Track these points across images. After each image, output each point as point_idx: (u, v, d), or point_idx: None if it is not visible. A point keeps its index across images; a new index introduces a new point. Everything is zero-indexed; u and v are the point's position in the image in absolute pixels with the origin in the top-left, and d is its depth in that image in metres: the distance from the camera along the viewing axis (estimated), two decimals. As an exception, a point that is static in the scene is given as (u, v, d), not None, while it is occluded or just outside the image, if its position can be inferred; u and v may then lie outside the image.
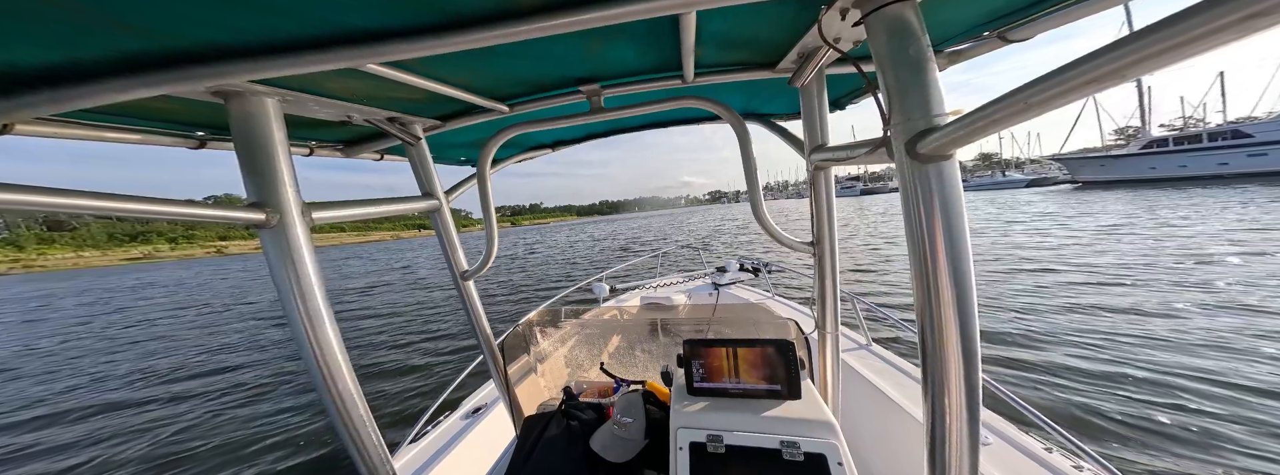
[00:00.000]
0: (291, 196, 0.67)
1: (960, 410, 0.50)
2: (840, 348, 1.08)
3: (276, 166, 0.66)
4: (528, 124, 1.02)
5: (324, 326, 0.68)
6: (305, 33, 0.46)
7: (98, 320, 12.86)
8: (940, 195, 0.47)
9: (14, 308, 19.47)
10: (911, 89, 0.47)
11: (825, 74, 0.86)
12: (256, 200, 0.65)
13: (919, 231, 0.49)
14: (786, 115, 1.31)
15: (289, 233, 0.66)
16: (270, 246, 0.65)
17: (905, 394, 1.56)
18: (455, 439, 1.65)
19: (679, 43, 0.68)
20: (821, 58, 0.75)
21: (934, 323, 0.49)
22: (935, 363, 0.50)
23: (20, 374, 6.94)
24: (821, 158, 0.86)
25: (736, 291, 3.50)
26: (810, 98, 0.89)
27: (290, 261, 0.66)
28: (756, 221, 0.98)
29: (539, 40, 0.51)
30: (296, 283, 0.66)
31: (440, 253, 0.80)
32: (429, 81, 0.71)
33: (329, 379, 0.69)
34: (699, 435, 0.82)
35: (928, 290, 0.49)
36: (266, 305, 12.53)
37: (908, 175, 0.48)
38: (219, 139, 0.85)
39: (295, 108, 0.72)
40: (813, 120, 0.90)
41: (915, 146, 0.47)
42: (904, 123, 0.48)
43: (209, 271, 35.79)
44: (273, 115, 0.65)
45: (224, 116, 0.68)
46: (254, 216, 0.63)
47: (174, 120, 0.75)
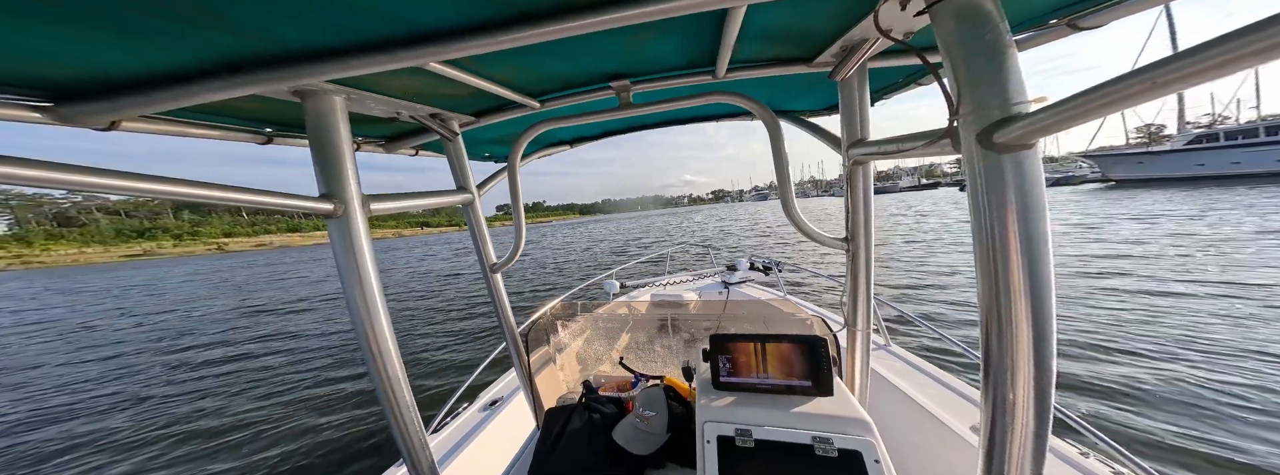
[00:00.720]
0: (354, 189, 0.73)
1: (1026, 430, 0.46)
2: (870, 346, 1.07)
3: (343, 161, 0.72)
4: (556, 120, 1.04)
5: (377, 310, 0.74)
6: (380, 34, 0.51)
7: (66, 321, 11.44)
8: (1018, 187, 0.44)
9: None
10: (986, 77, 0.45)
11: (868, 67, 0.85)
12: (326, 192, 0.71)
13: (989, 227, 0.45)
14: (814, 111, 1.31)
15: (352, 222, 0.72)
16: (336, 235, 0.72)
17: (928, 396, 1.54)
18: (475, 430, 1.69)
19: (719, 37, 0.70)
20: (868, 50, 0.74)
21: (1002, 331, 0.45)
22: (1001, 375, 0.46)
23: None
24: (862, 152, 0.85)
25: (747, 290, 3.51)
26: (851, 91, 0.88)
27: (352, 249, 0.72)
28: (787, 217, 0.99)
29: (581, 36, 0.53)
30: (356, 269, 0.72)
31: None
32: (474, 77, 0.75)
33: (379, 359, 0.75)
34: (727, 429, 0.83)
35: (996, 293, 0.45)
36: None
37: (979, 167, 0.46)
38: (284, 135, 0.92)
39: (356, 105, 0.78)
40: (852, 114, 0.89)
41: (991, 136, 0.44)
42: (976, 112, 0.46)
43: (206, 269, 35.44)
44: (340, 113, 0.72)
45: (291, 114, 0.77)
46: (324, 206, 0.69)
47: (250, 118, 0.83)
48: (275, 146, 0.97)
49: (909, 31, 0.64)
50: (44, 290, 25.51)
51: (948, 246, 10.42)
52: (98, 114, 0.58)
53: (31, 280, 42.22)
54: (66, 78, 0.53)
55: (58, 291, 23.28)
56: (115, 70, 0.52)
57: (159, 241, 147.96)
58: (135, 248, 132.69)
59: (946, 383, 1.67)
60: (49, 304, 17.36)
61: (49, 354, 7.89)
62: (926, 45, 0.77)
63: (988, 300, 0.47)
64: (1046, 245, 0.44)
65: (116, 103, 0.56)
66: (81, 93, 0.57)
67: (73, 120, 0.59)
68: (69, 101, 0.57)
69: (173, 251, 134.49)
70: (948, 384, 1.66)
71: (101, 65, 0.51)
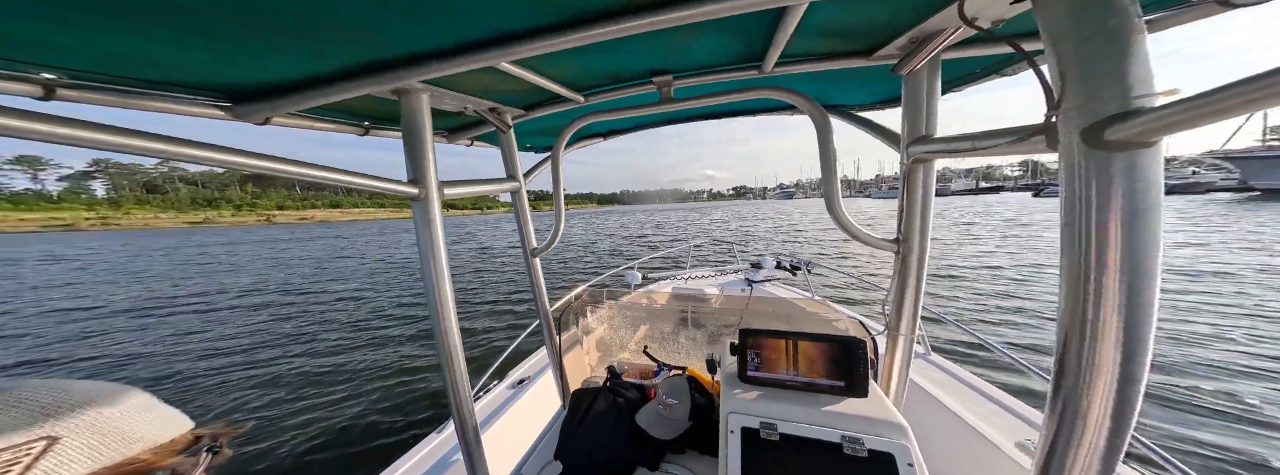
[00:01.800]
0: (433, 175, 0.83)
1: (1093, 460, 0.43)
2: (912, 353, 1.04)
3: (426, 150, 0.83)
4: (598, 113, 1.08)
5: (445, 279, 0.84)
6: (467, 38, 0.60)
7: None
8: (1129, 191, 0.38)
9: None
10: (1103, 65, 0.39)
11: (941, 59, 0.81)
12: (412, 177, 0.82)
13: (1085, 233, 0.41)
14: (866, 105, 1.26)
15: (431, 205, 0.82)
16: (419, 215, 0.83)
17: (969, 408, 1.48)
18: (505, 405, 1.82)
19: (771, 34, 0.70)
20: (944, 40, 0.70)
21: (1084, 355, 0.41)
22: (1074, 399, 0.43)
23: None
24: (926, 150, 0.81)
25: (771, 289, 3.47)
26: (918, 84, 0.84)
27: (430, 226, 0.82)
28: (831, 216, 0.96)
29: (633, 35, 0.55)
30: (432, 244, 0.82)
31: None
32: (532, 74, 0.81)
33: (444, 326, 0.85)
34: (752, 421, 0.84)
35: (1083, 312, 0.41)
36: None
37: (1081, 166, 0.41)
38: (378, 127, 1.07)
39: (436, 101, 0.89)
40: (918, 109, 0.84)
41: (1101, 133, 0.39)
42: (1084, 105, 0.41)
43: (243, 238, 37.74)
44: (425, 109, 0.82)
45: (384, 110, 0.92)
46: (410, 190, 0.80)
47: (356, 113, 0.99)
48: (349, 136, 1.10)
49: (999, 19, 0.59)
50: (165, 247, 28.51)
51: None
52: (259, 112, 0.75)
53: (129, 240, 46.65)
54: (243, 84, 0.70)
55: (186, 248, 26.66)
56: (276, 78, 0.68)
57: (219, 210, 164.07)
58: (197, 216, 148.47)
59: (990, 395, 1.60)
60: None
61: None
62: (1017, 32, 0.71)
63: (1071, 318, 0.43)
64: (1155, 259, 0.39)
65: (274, 103, 0.73)
66: (250, 96, 0.74)
67: (243, 117, 0.76)
68: (241, 103, 0.75)
69: (228, 220, 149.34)
70: (991, 396, 1.59)
71: (268, 74, 0.66)
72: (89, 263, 19.67)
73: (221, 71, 0.63)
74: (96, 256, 22.28)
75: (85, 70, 0.57)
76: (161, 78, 0.63)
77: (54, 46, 0.50)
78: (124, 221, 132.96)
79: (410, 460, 1.49)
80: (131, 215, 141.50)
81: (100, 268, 17.52)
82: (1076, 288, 0.42)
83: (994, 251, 10.62)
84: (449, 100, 0.92)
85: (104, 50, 0.52)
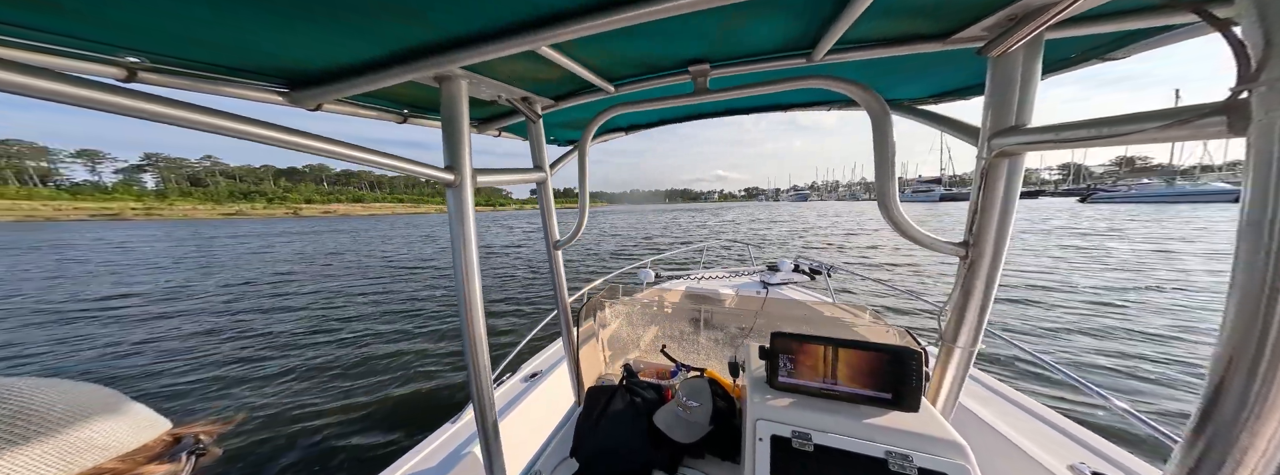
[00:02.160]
0: (468, 163, 0.84)
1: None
2: (969, 367, 0.96)
3: (463, 137, 0.83)
4: (627, 105, 1.06)
5: (473, 271, 0.85)
6: (507, 19, 0.59)
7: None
8: None
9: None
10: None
11: (1045, 38, 0.71)
12: (449, 164, 0.82)
13: (1275, 239, 0.34)
14: (924, 97, 1.19)
15: (465, 192, 0.83)
16: (453, 202, 0.84)
17: (1016, 428, 1.37)
18: (518, 399, 1.83)
19: (834, 15, 0.63)
20: (1052, 16, 0.61)
21: (1252, 384, 0.34)
22: (1221, 443, 0.36)
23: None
24: (1017, 141, 0.72)
25: (788, 292, 3.39)
26: (1010, 69, 0.74)
27: (463, 213, 0.83)
28: (885, 218, 0.89)
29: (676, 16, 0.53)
30: (464, 231, 0.83)
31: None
32: (568, 59, 0.79)
33: (471, 314, 0.86)
34: (783, 429, 0.81)
35: (1263, 332, 0.34)
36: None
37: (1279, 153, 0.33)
38: (416, 115, 1.10)
39: (474, 90, 0.90)
40: (1008, 97, 0.76)
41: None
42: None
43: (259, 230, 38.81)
44: (464, 96, 0.83)
45: (424, 98, 0.95)
46: (447, 177, 0.81)
47: (398, 101, 1.02)
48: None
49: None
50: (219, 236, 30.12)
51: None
52: (313, 98, 0.78)
53: (174, 228, 49.35)
54: (300, 69, 0.72)
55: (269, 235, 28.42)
56: (329, 63, 0.70)
57: (253, 203, 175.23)
58: (232, 208, 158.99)
59: (1035, 412, 1.50)
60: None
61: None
62: (1146, 5, 0.62)
63: (1240, 338, 0.36)
64: None
65: (326, 89, 0.76)
66: (307, 82, 0.77)
67: (298, 103, 0.79)
68: (298, 88, 0.78)
69: (260, 213, 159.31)
70: (1036, 413, 1.49)
71: (323, 60, 0.69)
72: (138, 248, 20.85)
73: (279, 55, 0.65)
74: (148, 246, 23.16)
75: (163, 53, 0.61)
76: (229, 62, 0.67)
77: (136, 28, 0.53)
78: (166, 212, 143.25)
79: (424, 450, 1.50)
80: (174, 206, 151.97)
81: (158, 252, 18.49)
82: (1255, 306, 0.35)
83: (1056, 265, 9.14)
84: (485, 88, 0.93)
85: (181, 35, 0.56)
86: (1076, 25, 0.69)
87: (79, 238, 30.45)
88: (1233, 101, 0.38)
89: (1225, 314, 0.38)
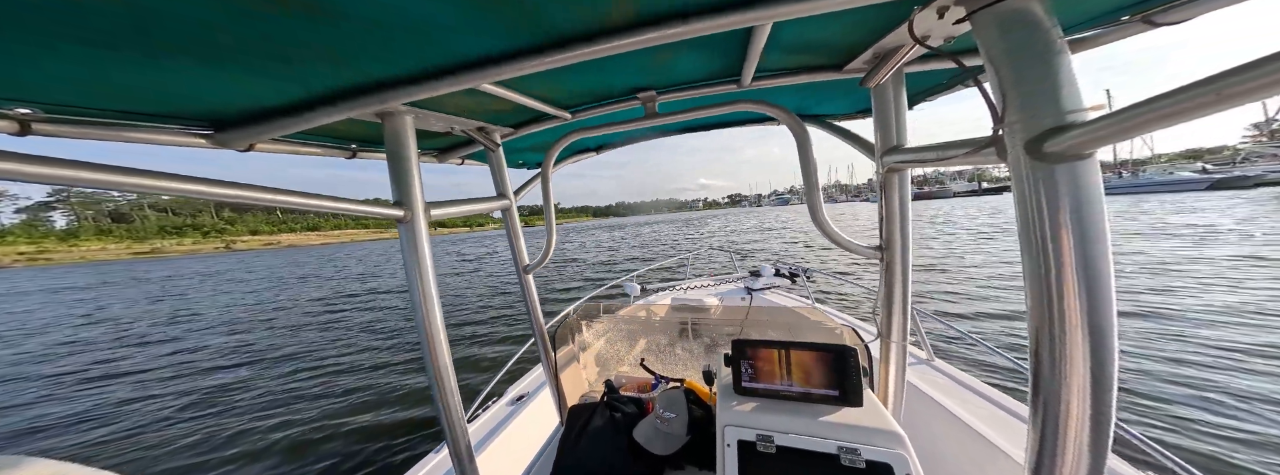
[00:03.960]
0: (419, 196, 0.87)
1: (1080, 458, 0.45)
2: (905, 359, 1.05)
3: (412, 173, 0.87)
4: (586, 129, 1.16)
5: (433, 302, 0.87)
6: (446, 61, 0.63)
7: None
8: (1073, 199, 0.43)
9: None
10: (1035, 84, 0.44)
11: (904, 72, 0.87)
12: (398, 200, 0.85)
13: (1039, 241, 0.44)
14: (844, 115, 1.36)
15: (417, 226, 0.86)
16: (405, 238, 0.87)
17: (975, 414, 1.51)
18: (504, 423, 1.83)
19: (744, 51, 0.75)
20: (903, 56, 0.75)
21: (1055, 352, 0.45)
22: (1052, 403, 0.45)
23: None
24: (898, 159, 0.86)
25: (771, 297, 3.53)
26: (885, 97, 0.89)
27: (417, 250, 0.86)
28: (815, 224, 0.99)
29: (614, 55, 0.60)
30: (419, 266, 0.86)
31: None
32: (516, 94, 0.88)
33: (434, 348, 0.88)
34: (748, 434, 0.85)
35: (1049, 311, 0.44)
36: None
37: (1027, 177, 0.45)
38: (364, 150, 1.11)
39: (421, 123, 0.93)
40: (887, 120, 0.90)
41: (1041, 145, 0.43)
42: (1025, 120, 0.45)
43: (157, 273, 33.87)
44: (409, 131, 0.87)
45: (369, 133, 0.95)
46: (396, 213, 0.84)
47: (341, 137, 1.03)
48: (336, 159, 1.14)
49: (949, 36, 0.65)
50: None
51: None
52: (242, 139, 0.77)
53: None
54: (223, 111, 0.72)
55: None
56: (256, 104, 0.70)
57: (179, 239, 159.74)
58: (145, 246, 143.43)
59: (997, 401, 1.63)
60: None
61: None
62: (967, 48, 0.78)
63: (1038, 318, 0.46)
64: (1106, 258, 0.43)
65: (256, 129, 0.75)
66: (232, 123, 0.76)
67: (225, 144, 0.78)
68: (223, 130, 0.76)
69: (182, 249, 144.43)
70: (998, 402, 1.62)
71: (249, 100, 0.68)
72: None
73: (202, 98, 0.64)
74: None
75: (62, 104, 0.58)
76: (141, 108, 0.64)
77: (26, 82, 0.51)
78: (57, 256, 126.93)
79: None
80: (77, 247, 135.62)
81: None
82: (1040, 290, 0.45)
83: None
84: (435, 121, 0.96)
85: (80, 82, 0.52)
86: (923, 63, 0.84)
87: None
88: (995, 137, 0.51)
89: (1027, 299, 0.48)
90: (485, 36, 0.56)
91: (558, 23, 0.54)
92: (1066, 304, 0.44)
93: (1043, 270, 0.45)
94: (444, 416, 0.91)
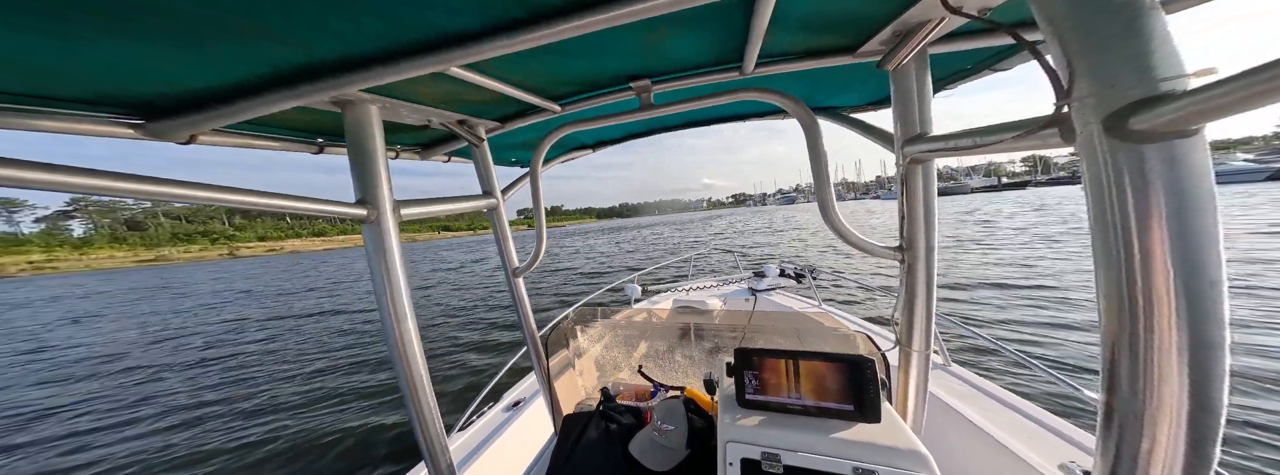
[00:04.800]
0: (386, 195, 0.81)
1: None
2: (928, 369, 0.97)
3: (377, 168, 0.80)
4: (577, 123, 1.10)
5: (404, 312, 0.81)
6: (407, 39, 0.56)
7: None
8: (1170, 187, 0.35)
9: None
10: (1118, 46, 0.36)
11: (929, 53, 0.80)
12: (361, 198, 0.79)
13: (1120, 239, 0.38)
14: (859, 106, 1.27)
15: (384, 227, 0.80)
16: (370, 239, 0.80)
17: (999, 424, 1.41)
18: (497, 431, 1.77)
19: (746, 30, 0.68)
20: (929, 33, 0.68)
21: (1137, 374, 0.37)
22: (1130, 433, 0.38)
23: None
24: (923, 149, 0.79)
25: (777, 298, 3.46)
26: (906, 81, 0.82)
27: (383, 253, 0.80)
28: (825, 223, 0.91)
29: (597, 33, 0.54)
30: (387, 272, 0.80)
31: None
32: (495, 82, 0.81)
33: (406, 360, 0.82)
34: (752, 451, 0.80)
35: (1131, 324, 0.37)
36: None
37: (1105, 161, 0.38)
38: (332, 144, 1.04)
39: (390, 114, 0.87)
40: (909, 106, 0.83)
41: (1125, 122, 0.36)
42: (1101, 92, 0.38)
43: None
44: (375, 122, 0.80)
45: (337, 125, 0.85)
46: (358, 212, 0.77)
47: (303, 129, 0.95)
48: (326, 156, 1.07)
49: (986, 7, 0.57)
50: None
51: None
52: (179, 129, 0.70)
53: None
54: (153, 95, 0.63)
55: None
56: (190, 88, 0.62)
57: (187, 246, 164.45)
58: (150, 254, 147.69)
59: (1022, 409, 1.53)
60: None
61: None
62: (1013, 21, 0.70)
63: (1115, 332, 0.39)
64: (1216, 261, 0.35)
65: (193, 118, 0.67)
66: (165, 111, 0.68)
67: (160, 135, 0.70)
68: (156, 119, 0.69)
69: (187, 256, 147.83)
70: (1023, 411, 1.52)
71: (180, 82, 0.60)
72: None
73: (128, 83, 0.57)
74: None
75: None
76: (59, 92, 0.57)
77: None
78: (63, 264, 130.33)
79: None
80: (83, 257, 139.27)
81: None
82: (1119, 298, 0.38)
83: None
84: (407, 112, 0.89)
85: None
86: (950, 42, 0.77)
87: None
88: (1058, 115, 0.43)
89: (1099, 309, 0.41)
90: (453, 10, 0.50)
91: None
92: (1157, 317, 0.36)
93: (1124, 275, 0.38)
94: (421, 434, 0.86)
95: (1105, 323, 0.40)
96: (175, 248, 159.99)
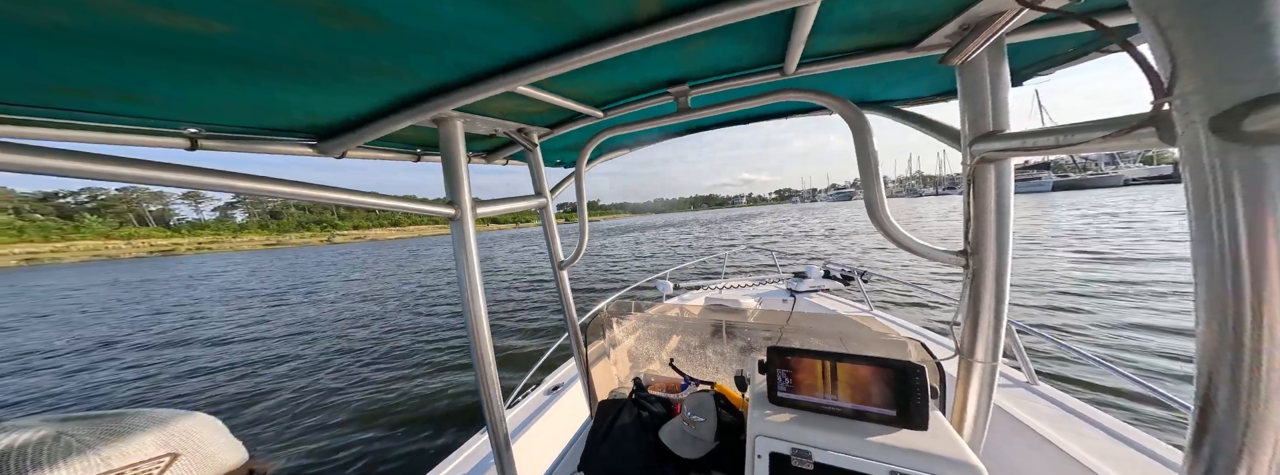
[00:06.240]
0: (468, 195, 0.97)
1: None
2: (994, 383, 0.91)
3: (461, 173, 0.97)
4: (618, 127, 1.18)
5: (479, 298, 0.97)
6: (485, 65, 0.69)
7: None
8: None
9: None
10: (1230, 39, 0.33)
11: (1006, 43, 0.74)
12: (450, 199, 0.96)
13: (1228, 247, 0.35)
14: (918, 98, 1.21)
15: (466, 223, 0.96)
16: (456, 234, 0.97)
17: (1098, 454, 1.29)
18: (538, 412, 1.96)
19: (787, 33, 0.69)
20: (1004, 24, 0.64)
21: (1238, 392, 0.35)
22: (1224, 456, 0.36)
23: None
24: (996, 147, 0.74)
25: (819, 301, 3.30)
26: (977, 75, 0.77)
27: (465, 245, 0.96)
28: (873, 223, 0.87)
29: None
30: (467, 262, 0.96)
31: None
32: (550, 95, 0.92)
33: (478, 338, 0.97)
34: (782, 446, 0.80)
35: (1235, 338, 0.35)
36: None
37: (1212, 165, 0.35)
38: (428, 154, 1.27)
39: (469, 127, 1.04)
40: (981, 102, 0.78)
41: (1238, 123, 0.33)
42: (1209, 89, 0.35)
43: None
44: (459, 134, 0.97)
45: (429, 138, 1.09)
46: (447, 211, 0.94)
47: (410, 142, 1.17)
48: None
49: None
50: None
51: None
52: (337, 147, 0.92)
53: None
54: (324, 123, 0.86)
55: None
56: (343, 116, 0.83)
57: (301, 233, 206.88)
58: (272, 239, 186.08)
59: (1125, 437, 1.37)
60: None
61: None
62: (1101, 7, 0.64)
63: (1214, 345, 0.36)
64: None
65: (345, 138, 0.89)
66: (330, 133, 0.91)
67: (325, 152, 0.94)
68: (324, 140, 0.92)
69: (296, 242, 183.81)
70: (1126, 438, 1.36)
71: (338, 113, 0.81)
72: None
73: (308, 114, 0.79)
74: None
75: (216, 123, 0.75)
76: (269, 123, 0.80)
77: (195, 104, 0.65)
78: (215, 246, 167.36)
79: (448, 465, 1.63)
80: (231, 240, 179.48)
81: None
82: (1222, 309, 0.36)
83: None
84: (481, 124, 1.05)
85: (231, 103, 0.67)
86: (1034, 30, 0.71)
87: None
88: (1156, 113, 0.40)
89: (1197, 323, 0.38)
90: (520, 39, 0.60)
91: (587, 19, 0.56)
92: (1266, 329, 0.34)
93: (1231, 288, 0.35)
94: (485, 405, 1.00)
95: (1205, 338, 0.37)
96: (291, 234, 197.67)
